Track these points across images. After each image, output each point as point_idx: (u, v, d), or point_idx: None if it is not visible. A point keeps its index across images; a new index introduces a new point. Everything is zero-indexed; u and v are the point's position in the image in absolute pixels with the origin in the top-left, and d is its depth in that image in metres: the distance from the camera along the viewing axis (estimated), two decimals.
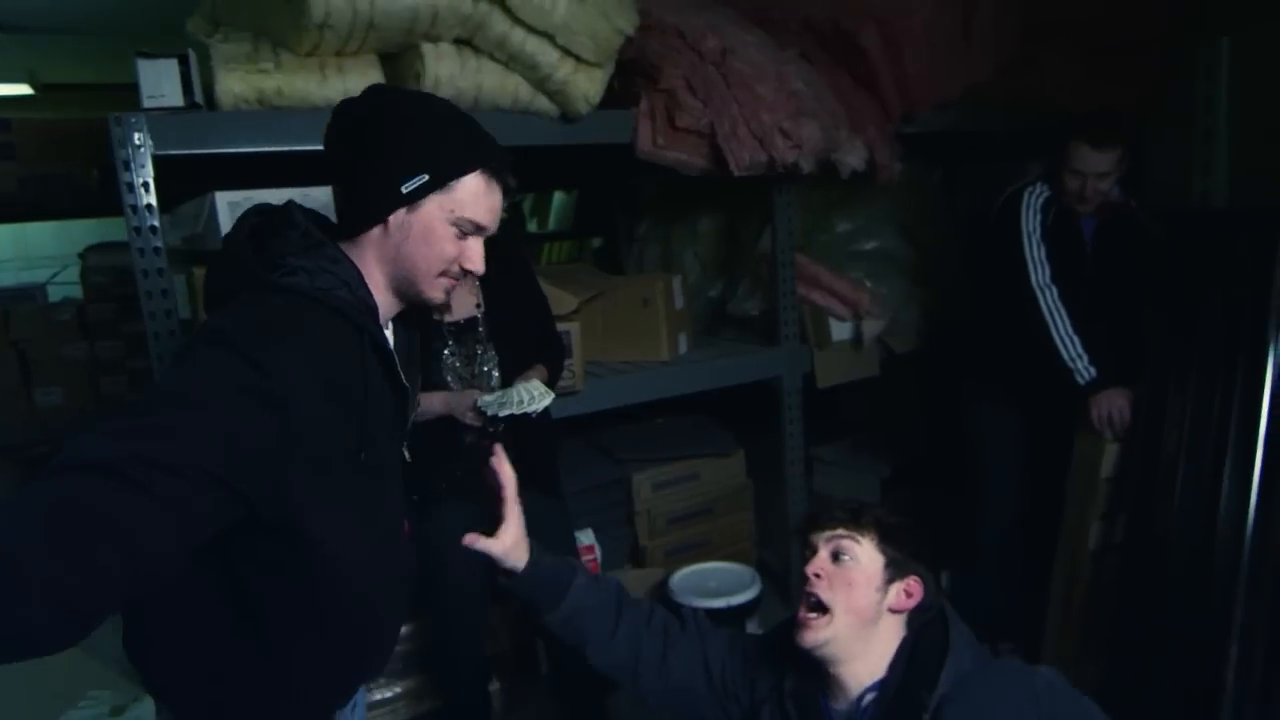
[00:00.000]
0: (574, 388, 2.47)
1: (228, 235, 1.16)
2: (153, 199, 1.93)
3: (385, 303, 1.17)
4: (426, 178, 1.12)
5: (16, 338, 3.48)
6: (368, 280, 1.14)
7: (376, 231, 1.14)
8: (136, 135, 1.90)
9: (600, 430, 3.21)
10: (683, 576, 2.82)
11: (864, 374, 3.10)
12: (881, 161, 2.76)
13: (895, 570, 1.32)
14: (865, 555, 1.31)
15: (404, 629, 2.48)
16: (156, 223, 1.95)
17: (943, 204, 3.66)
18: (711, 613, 2.59)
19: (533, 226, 6.56)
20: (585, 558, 2.66)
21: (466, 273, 1.19)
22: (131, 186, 1.92)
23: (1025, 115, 3.12)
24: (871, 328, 3.01)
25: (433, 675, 2.48)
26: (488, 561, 2.19)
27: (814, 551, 1.34)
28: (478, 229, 1.17)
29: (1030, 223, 2.37)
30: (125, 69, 2.02)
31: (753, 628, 2.70)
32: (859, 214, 3.40)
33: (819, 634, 1.26)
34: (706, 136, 2.47)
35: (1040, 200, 2.40)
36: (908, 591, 1.32)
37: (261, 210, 1.17)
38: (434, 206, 1.13)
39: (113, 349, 3.66)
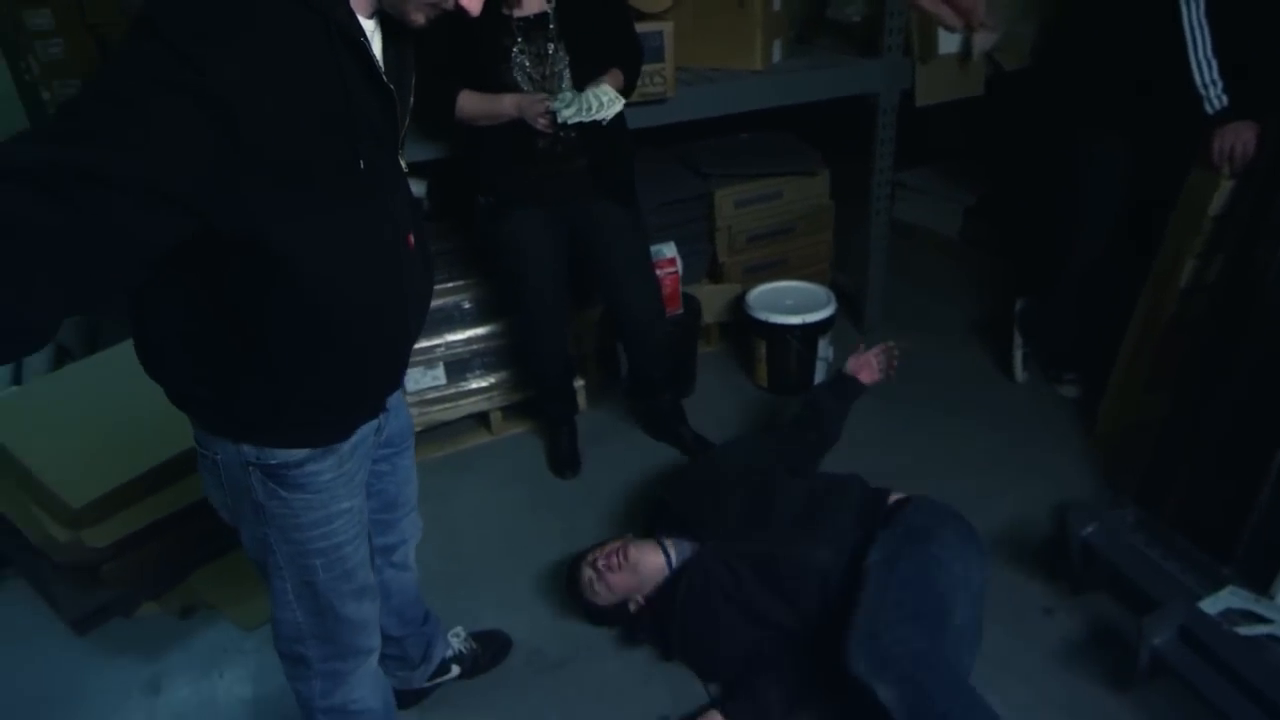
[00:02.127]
0: (664, 94, 2.38)
1: None
2: None
3: (360, 1, 1.04)
4: None
5: (93, 21, 3.41)
6: None
7: None
8: None
9: (684, 142, 3.13)
10: (760, 293, 2.89)
11: (968, 93, 2.91)
12: None
13: None
14: None
15: (495, 325, 2.64)
16: None
17: None
18: (786, 328, 2.71)
19: None
20: (666, 270, 2.72)
21: (460, 9, 1.05)
22: None
23: None
24: (983, 41, 2.78)
25: (523, 368, 2.66)
26: (564, 264, 2.29)
27: None
28: None
29: None
30: None
31: (824, 345, 2.80)
32: None
33: None
34: None
35: None
36: None
37: None
38: None
39: None
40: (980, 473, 2.42)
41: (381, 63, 1.09)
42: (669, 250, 2.76)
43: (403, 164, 1.22)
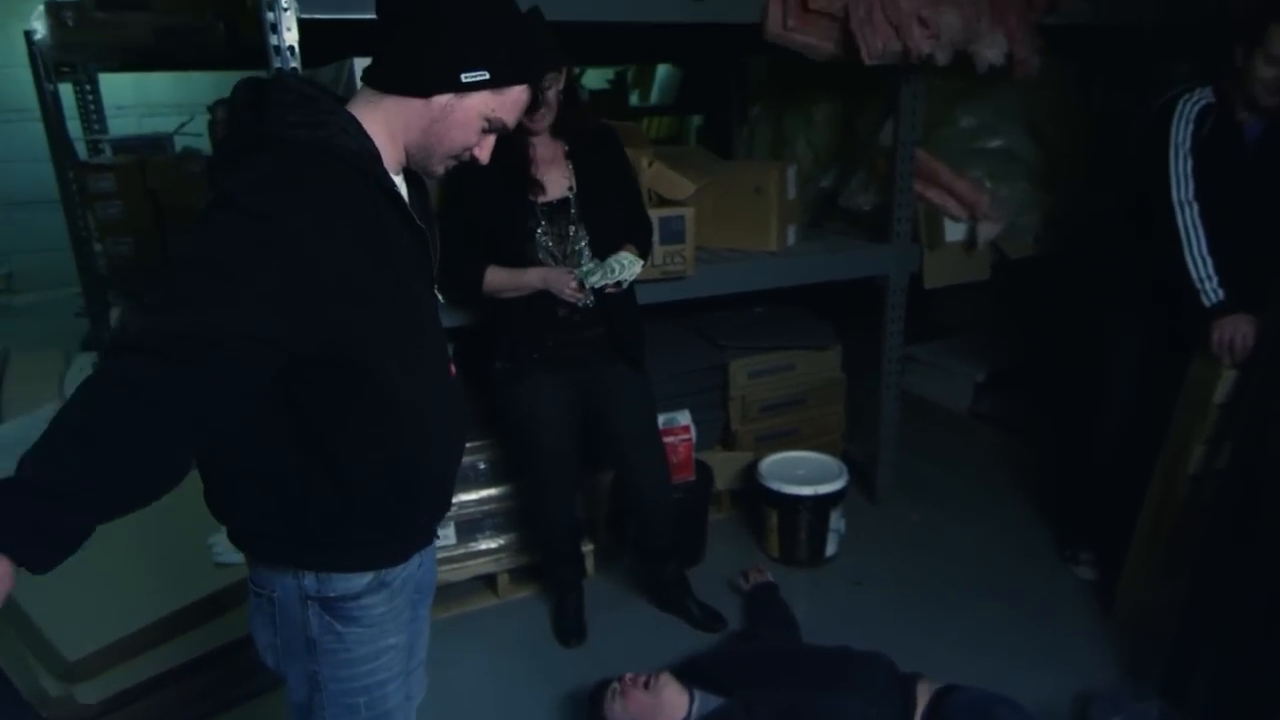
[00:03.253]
0: (684, 272, 2.50)
1: (226, 105, 1.19)
2: (298, 63, 1.98)
3: (392, 155, 1.19)
4: (486, 76, 1.15)
5: (153, 186, 3.66)
6: (373, 133, 1.15)
7: (418, 103, 1.16)
8: None
9: (701, 315, 3.26)
10: (773, 462, 2.91)
11: (974, 277, 3.05)
12: (1019, 55, 2.62)
13: None
14: None
15: (507, 487, 2.66)
16: None
17: (1076, 102, 3.46)
18: (798, 498, 2.72)
19: (634, 99, 6.44)
20: (680, 437, 2.76)
21: (472, 159, 1.23)
22: (278, 50, 1.96)
23: (1179, 9, 2.89)
24: (987, 231, 2.94)
25: (531, 530, 2.66)
26: (577, 428, 2.34)
27: None
28: (502, 127, 1.22)
29: (1180, 133, 2.25)
30: None
31: (836, 517, 2.80)
32: (984, 109, 3.25)
33: None
34: (839, 20, 2.39)
35: (1196, 108, 2.25)
36: None
37: (250, 83, 1.17)
38: (480, 102, 1.17)
39: None
40: (997, 656, 2.35)
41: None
42: (683, 418, 2.81)
43: (439, 296, 1.35)
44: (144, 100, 6.76)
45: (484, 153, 1.23)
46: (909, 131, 2.79)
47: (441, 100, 1.16)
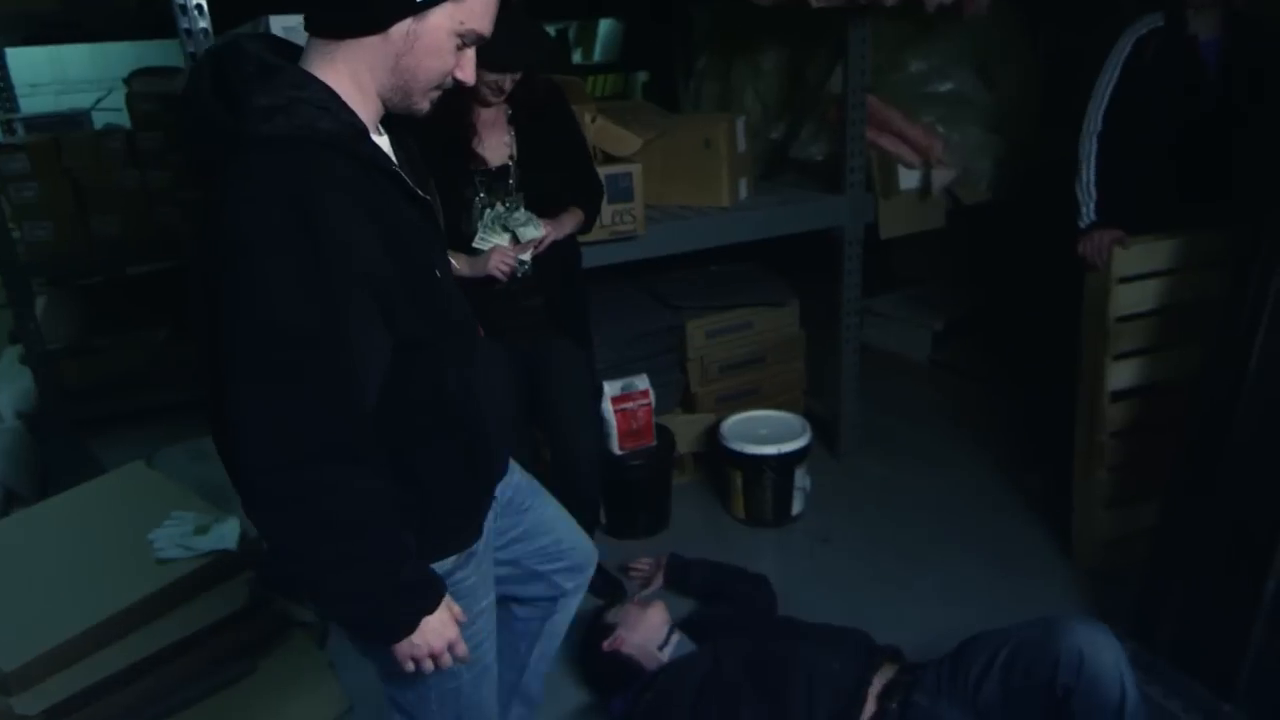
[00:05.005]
0: (634, 232, 2.42)
1: (189, 90, 1.06)
2: (208, 23, 1.85)
3: (369, 113, 1.08)
4: None
5: (70, 165, 3.44)
6: (343, 94, 1.04)
7: (374, 39, 1.03)
8: None
9: (654, 275, 3.18)
10: (735, 422, 2.86)
11: (929, 226, 3.01)
12: None
13: None
14: None
15: None
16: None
17: (1025, 43, 3.41)
18: (762, 458, 2.67)
19: (577, 57, 6.27)
20: (639, 402, 2.69)
21: (456, 82, 1.11)
22: (184, 8, 1.83)
23: None
24: (941, 177, 2.90)
25: None
26: (524, 403, 2.26)
27: None
28: (479, 39, 1.09)
29: (1111, 63, 2.28)
30: None
31: (801, 474, 2.76)
32: (934, 52, 3.20)
33: None
34: None
35: (1135, 37, 2.25)
36: None
37: (211, 52, 1.08)
38: (443, 17, 1.04)
39: (163, 179, 3.62)
40: (966, 605, 2.34)
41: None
42: (642, 382, 2.74)
43: (453, 264, 1.32)
44: (60, 77, 6.44)
45: (467, 72, 1.11)
46: (859, 77, 2.72)
47: (401, 29, 1.03)
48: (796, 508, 2.80)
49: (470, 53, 1.10)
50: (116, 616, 2.06)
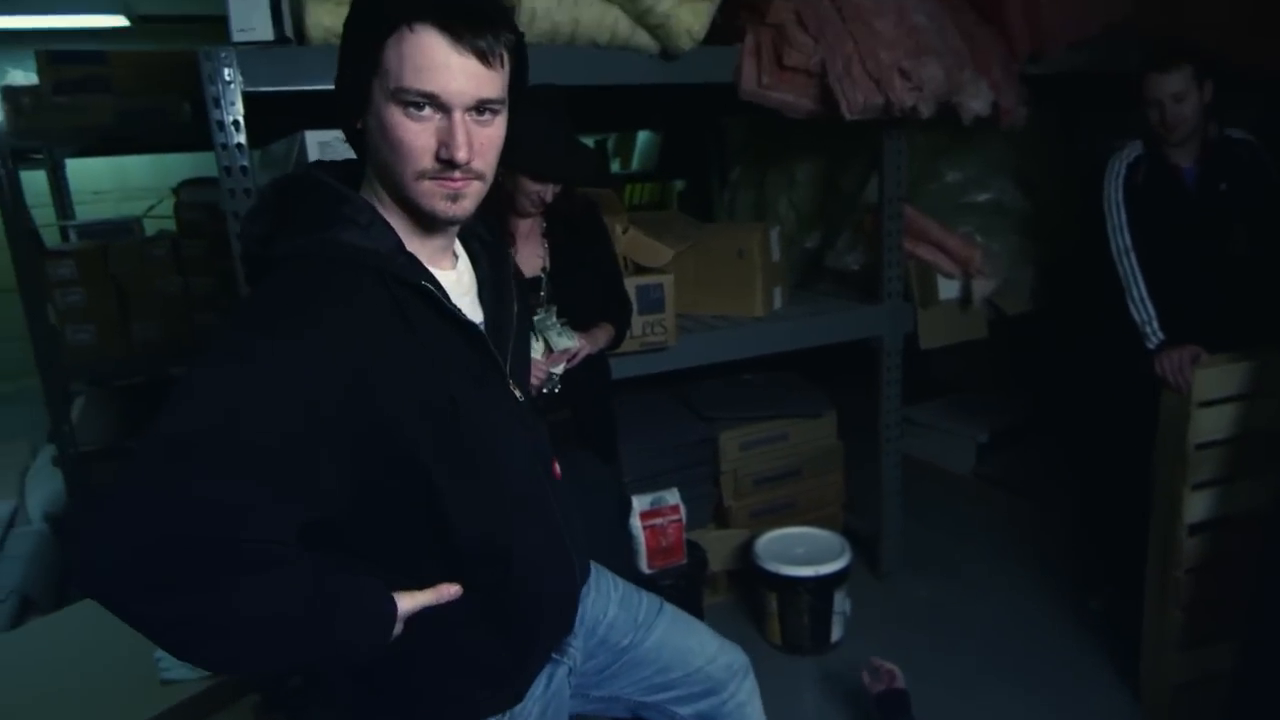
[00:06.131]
0: (665, 343, 2.36)
1: (245, 219, 1.06)
2: (243, 138, 1.87)
3: (409, 229, 1.02)
4: (355, 61, 0.95)
5: (115, 271, 3.53)
6: (389, 214, 1.01)
7: (372, 149, 0.99)
8: (226, 70, 1.83)
9: (686, 384, 3.11)
10: (769, 540, 2.73)
11: (971, 336, 2.92)
12: (1005, 105, 2.53)
13: None
14: None
15: None
16: (246, 162, 1.89)
17: (1062, 151, 3.38)
18: (799, 580, 2.53)
19: (615, 166, 6.40)
20: (669, 518, 2.58)
21: (452, 165, 0.95)
22: (222, 125, 1.86)
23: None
24: (982, 287, 2.82)
25: None
26: None
27: None
28: (429, 99, 0.93)
29: (1111, 187, 2.36)
30: (219, 1, 1.95)
31: (840, 598, 2.60)
32: (971, 162, 3.17)
33: None
34: (816, 76, 2.30)
35: (1126, 163, 2.37)
36: None
37: (273, 185, 1.06)
38: (377, 94, 0.95)
39: (205, 285, 3.69)
40: None
41: (476, 288, 1.10)
42: (672, 496, 2.63)
43: (516, 394, 1.14)
44: (121, 185, 6.70)
45: (455, 146, 0.94)
46: (895, 187, 2.69)
47: (370, 128, 0.98)
48: (836, 634, 2.63)
49: (450, 121, 0.95)
50: None
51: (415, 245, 1.02)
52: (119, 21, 5.50)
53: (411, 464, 0.98)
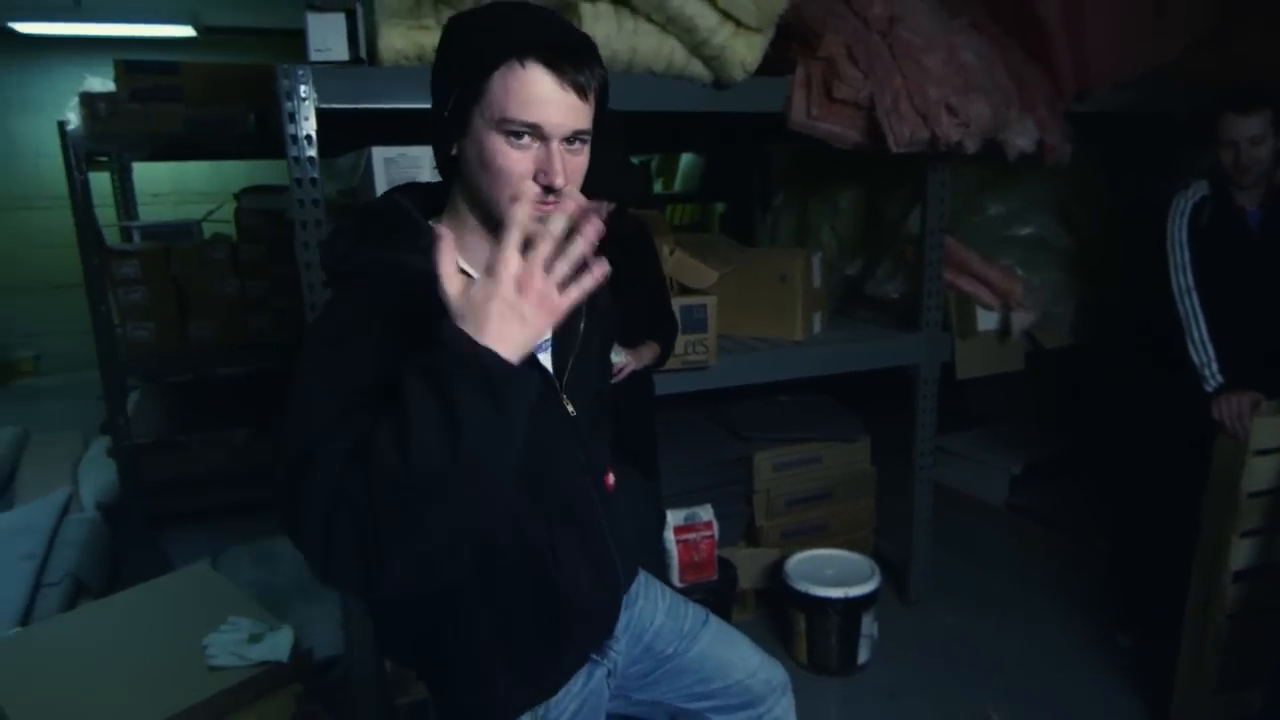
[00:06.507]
0: (706, 362, 2.42)
1: (327, 239, 1.15)
2: (314, 151, 1.97)
3: (482, 249, 1.07)
4: (457, 90, 1.00)
5: (176, 273, 3.67)
6: (464, 239, 1.06)
7: (464, 173, 1.05)
8: (303, 88, 1.93)
9: (724, 404, 3.16)
10: (800, 561, 2.76)
11: (1008, 367, 2.94)
12: (1050, 142, 2.57)
13: None
14: None
15: None
16: (317, 175, 1.99)
17: (1105, 188, 3.40)
18: (828, 601, 2.56)
19: (658, 187, 6.49)
20: (702, 534, 2.63)
21: (549, 190, 1.00)
22: (295, 138, 1.95)
23: (1210, 98, 2.84)
24: (1021, 320, 2.85)
25: None
26: None
27: None
28: (532, 129, 0.99)
29: (1176, 226, 2.36)
30: (283, 14, 2.05)
31: (869, 621, 2.63)
32: (1014, 196, 3.20)
33: None
34: (864, 109, 2.35)
35: (1191, 203, 2.37)
36: None
37: (361, 209, 1.16)
38: (478, 122, 1.00)
39: (260, 288, 3.83)
40: None
41: None
42: (706, 513, 2.68)
43: (569, 408, 1.17)
44: (180, 188, 6.93)
45: (552, 172, 1.00)
46: (937, 219, 2.73)
47: (462, 152, 1.04)
48: (863, 657, 2.65)
49: (547, 150, 1.00)
50: None
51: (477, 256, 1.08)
52: (187, 32, 5.70)
53: None
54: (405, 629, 1.18)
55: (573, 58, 1.00)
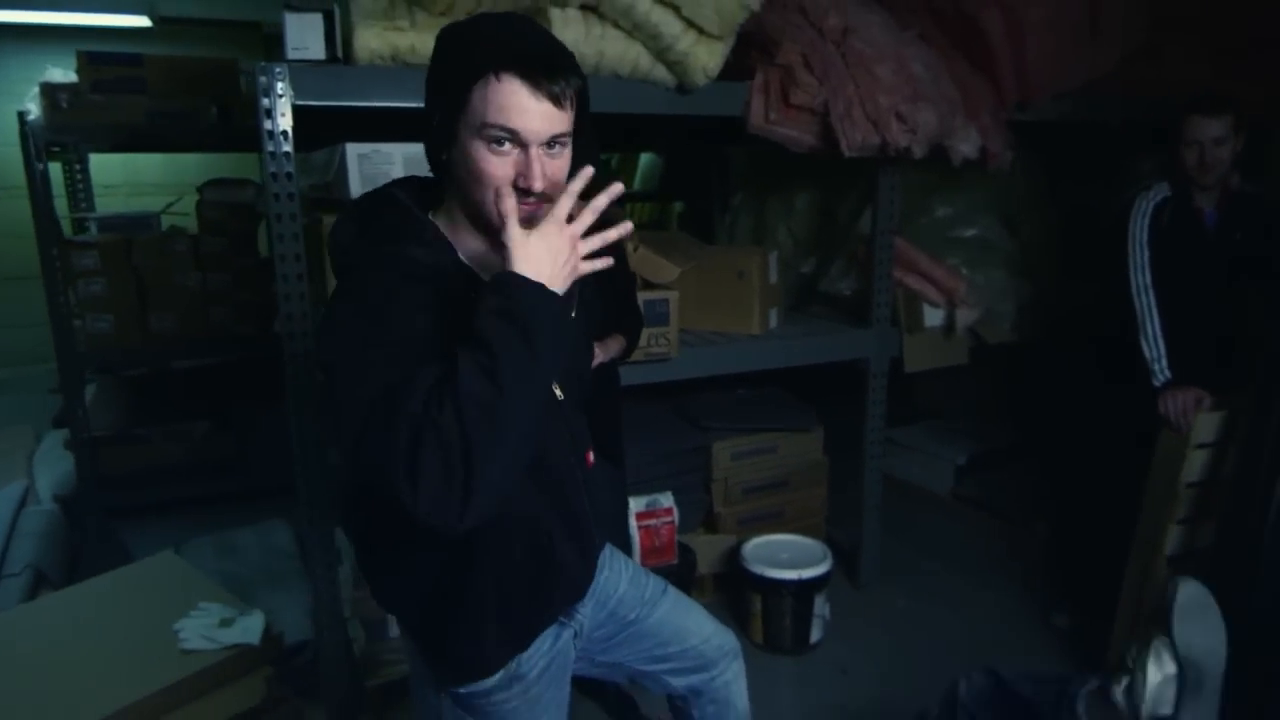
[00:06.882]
0: (668, 355, 2.52)
1: (332, 234, 1.23)
2: (290, 147, 2.02)
3: (485, 244, 1.16)
4: (444, 101, 1.09)
5: (137, 264, 3.66)
6: (458, 233, 1.17)
7: (452, 182, 1.15)
8: (280, 85, 1.98)
9: (684, 396, 3.27)
10: (756, 546, 2.88)
11: (953, 361, 3.09)
12: (993, 149, 2.72)
13: None
14: None
15: None
16: (293, 170, 2.04)
17: (1046, 194, 3.58)
18: (783, 583, 2.68)
19: None
20: (663, 519, 2.74)
21: (527, 193, 1.09)
22: (272, 134, 2.01)
23: (1143, 109, 3.03)
24: (965, 317, 3.00)
25: None
26: None
27: None
28: (510, 135, 1.07)
29: (1137, 226, 2.44)
30: (239, 7, 2.09)
31: (820, 602, 2.76)
32: (960, 199, 3.36)
33: None
34: (819, 115, 2.48)
35: (1153, 203, 2.44)
36: None
37: (360, 201, 1.24)
38: (463, 130, 1.08)
39: (222, 280, 3.83)
40: None
41: None
42: (666, 499, 2.79)
43: (557, 392, 1.27)
44: (132, 180, 6.82)
45: (531, 175, 1.09)
46: (887, 220, 2.87)
47: (452, 161, 1.12)
48: (815, 636, 2.78)
49: (526, 156, 1.08)
50: (136, 706, 2.07)
51: (492, 258, 1.16)
52: (143, 22, 5.64)
53: None
54: (411, 589, 1.26)
55: (548, 69, 1.08)
